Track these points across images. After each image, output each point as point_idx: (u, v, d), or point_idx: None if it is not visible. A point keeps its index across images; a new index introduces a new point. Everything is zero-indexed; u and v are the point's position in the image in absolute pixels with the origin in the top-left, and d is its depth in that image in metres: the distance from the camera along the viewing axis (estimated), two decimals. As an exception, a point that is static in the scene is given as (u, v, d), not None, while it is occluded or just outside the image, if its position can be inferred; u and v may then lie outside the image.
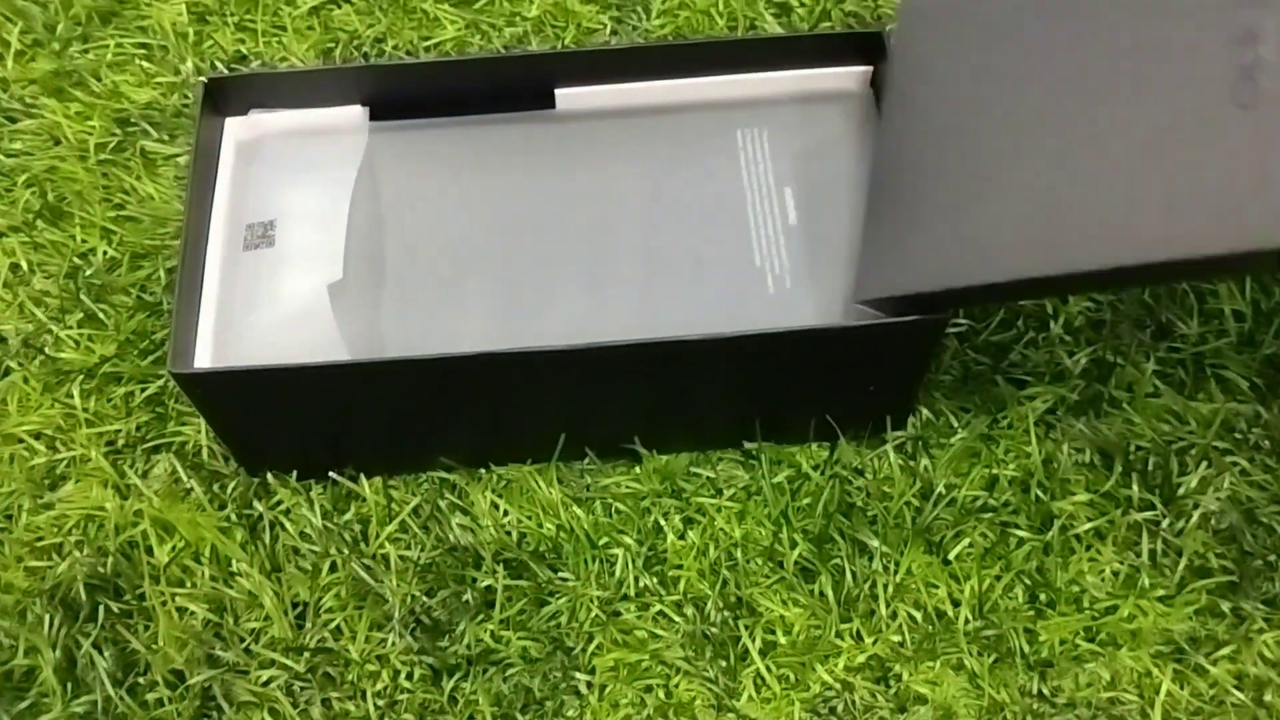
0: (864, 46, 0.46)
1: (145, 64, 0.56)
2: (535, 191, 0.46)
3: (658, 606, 0.43)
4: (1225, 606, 0.43)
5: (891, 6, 0.57)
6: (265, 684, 0.42)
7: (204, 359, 0.41)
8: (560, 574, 0.44)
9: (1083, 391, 0.47)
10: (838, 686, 0.42)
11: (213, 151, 0.45)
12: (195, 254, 0.42)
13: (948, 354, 0.47)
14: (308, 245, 0.44)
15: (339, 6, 0.58)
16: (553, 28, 0.57)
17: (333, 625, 0.43)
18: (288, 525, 0.45)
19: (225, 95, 0.45)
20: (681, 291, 0.43)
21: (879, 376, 0.43)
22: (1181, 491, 0.45)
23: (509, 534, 0.45)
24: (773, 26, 0.57)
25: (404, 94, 0.47)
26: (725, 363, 0.42)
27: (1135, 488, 0.45)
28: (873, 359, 0.42)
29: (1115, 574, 0.44)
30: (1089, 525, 0.44)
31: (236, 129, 0.46)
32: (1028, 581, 0.43)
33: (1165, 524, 0.44)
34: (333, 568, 0.44)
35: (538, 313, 0.43)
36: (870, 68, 0.46)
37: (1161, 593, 0.43)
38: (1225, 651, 0.42)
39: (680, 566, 0.44)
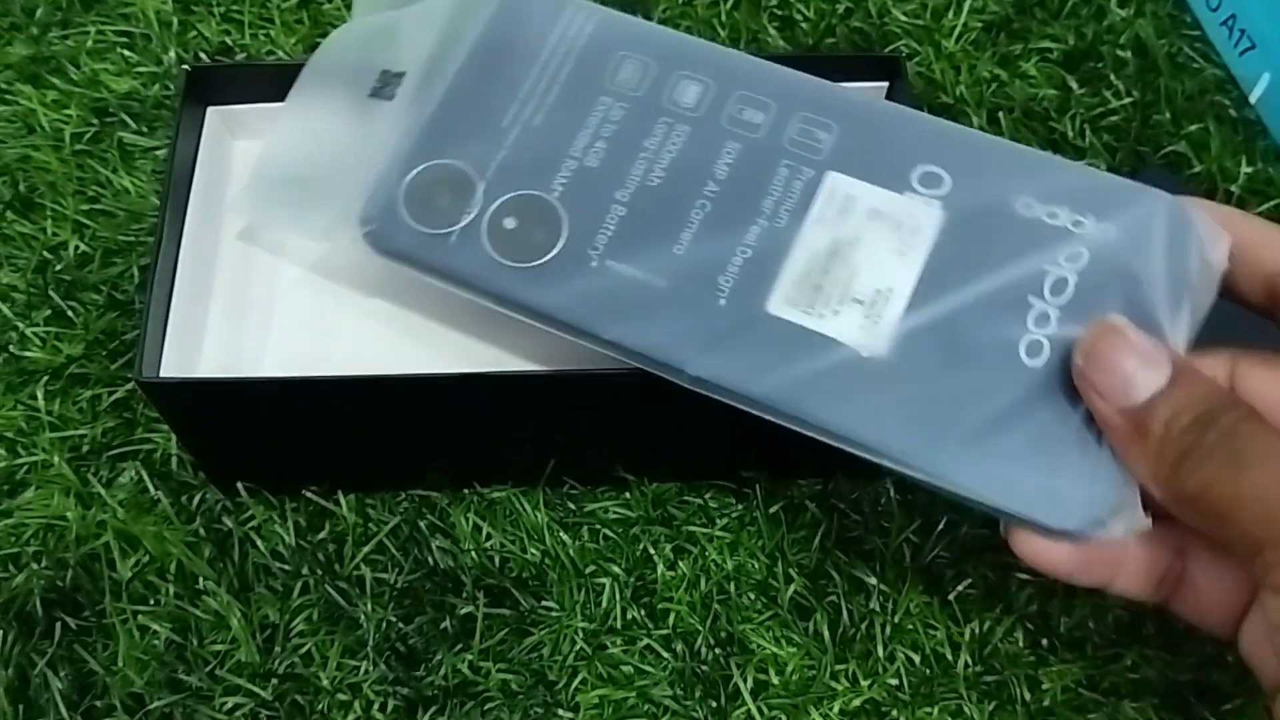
0: (879, 67, 0.44)
1: (126, 53, 0.54)
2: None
3: (645, 640, 0.41)
4: (1230, 657, 0.41)
5: (898, 25, 0.56)
6: (230, 711, 0.40)
7: (172, 365, 0.39)
8: (544, 603, 0.42)
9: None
10: (830, 730, 0.40)
11: (191, 143, 0.43)
12: (169, 250, 0.40)
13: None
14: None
15: (328, 0, 0.56)
16: (551, 32, 0.55)
17: (303, 650, 0.41)
18: (259, 542, 0.43)
19: (208, 85, 0.43)
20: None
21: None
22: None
23: (491, 559, 0.43)
24: (776, 40, 0.55)
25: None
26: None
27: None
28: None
29: (1117, 620, 0.42)
30: (1093, 569, 0.43)
31: (217, 120, 0.44)
32: (1030, 625, 0.42)
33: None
34: (305, 589, 0.42)
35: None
36: (886, 84, 0.44)
37: (1166, 641, 0.42)
38: (1230, 706, 0.41)
39: (670, 599, 0.42)
